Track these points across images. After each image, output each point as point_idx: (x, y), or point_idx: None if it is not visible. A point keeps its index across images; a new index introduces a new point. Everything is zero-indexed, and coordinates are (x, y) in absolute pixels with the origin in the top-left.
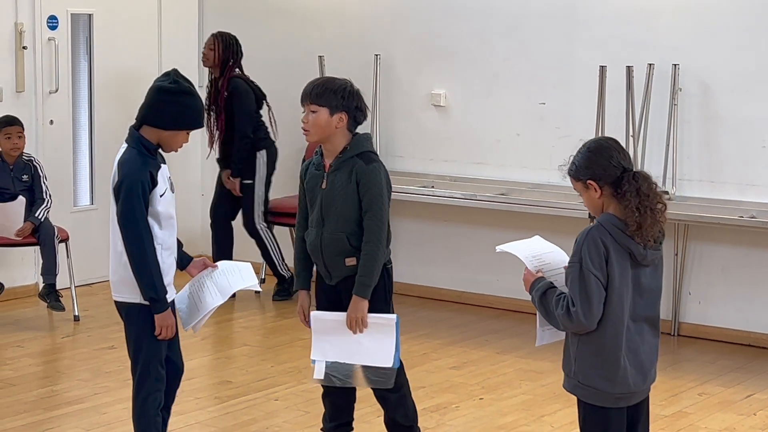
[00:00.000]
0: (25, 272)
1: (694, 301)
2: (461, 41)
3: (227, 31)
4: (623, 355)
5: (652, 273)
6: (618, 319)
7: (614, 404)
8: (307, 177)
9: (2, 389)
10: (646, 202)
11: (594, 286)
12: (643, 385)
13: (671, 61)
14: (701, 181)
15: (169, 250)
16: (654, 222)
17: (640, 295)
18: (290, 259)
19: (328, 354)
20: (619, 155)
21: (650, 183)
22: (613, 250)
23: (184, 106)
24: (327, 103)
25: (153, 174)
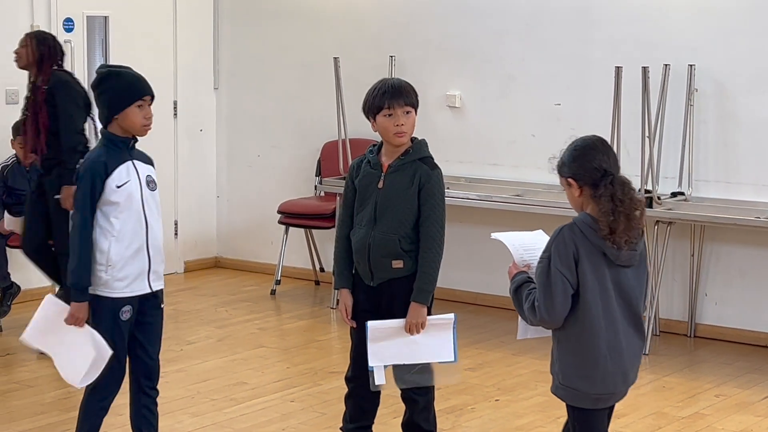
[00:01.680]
0: (40, 274)
1: (711, 302)
2: (476, 42)
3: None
4: (603, 355)
5: (634, 273)
6: (594, 319)
7: (593, 405)
8: (360, 174)
9: (19, 391)
10: (620, 208)
11: (559, 283)
12: (622, 387)
13: (687, 62)
14: (717, 182)
15: (125, 242)
16: (628, 227)
17: (620, 296)
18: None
19: (386, 358)
20: (602, 157)
21: (627, 189)
22: (585, 250)
23: (112, 88)
24: (415, 104)
25: (108, 165)
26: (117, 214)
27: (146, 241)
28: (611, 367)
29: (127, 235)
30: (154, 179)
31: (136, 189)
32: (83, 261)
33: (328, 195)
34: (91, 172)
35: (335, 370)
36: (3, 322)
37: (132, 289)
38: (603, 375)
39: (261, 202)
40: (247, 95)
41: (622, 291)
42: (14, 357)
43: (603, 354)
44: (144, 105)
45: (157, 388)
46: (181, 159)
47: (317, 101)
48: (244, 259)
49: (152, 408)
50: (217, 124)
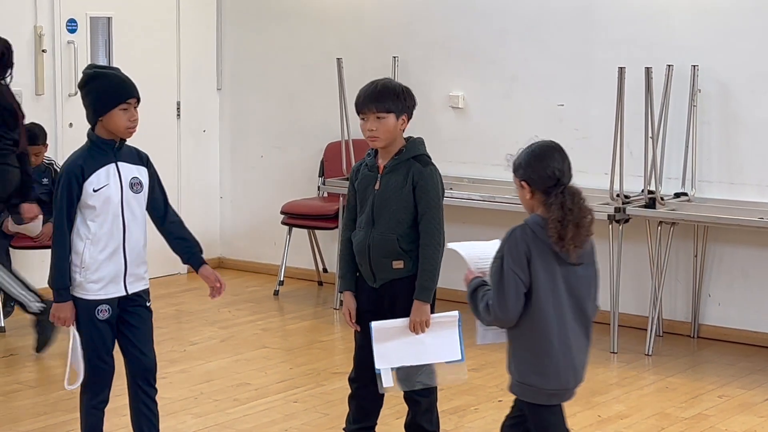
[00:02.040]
0: (44, 275)
1: (714, 303)
2: (479, 43)
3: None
4: (556, 351)
5: (583, 271)
6: (546, 316)
7: (548, 401)
8: (359, 177)
9: (22, 391)
10: (569, 217)
11: (512, 282)
12: (573, 383)
13: (690, 62)
14: (720, 183)
15: (100, 245)
16: (577, 235)
17: (570, 294)
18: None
19: (393, 360)
20: (557, 164)
21: (577, 198)
22: (537, 250)
23: (96, 90)
24: (394, 108)
25: (84, 168)
26: (93, 217)
27: (123, 244)
28: (563, 363)
29: (102, 238)
30: (140, 181)
31: (115, 193)
32: (59, 263)
33: (331, 196)
34: (68, 175)
35: (338, 371)
36: (6, 322)
37: (106, 291)
38: (556, 370)
39: (264, 202)
40: (250, 96)
41: (572, 289)
42: (17, 357)
43: (555, 349)
44: (129, 108)
45: (155, 386)
46: (184, 160)
47: (320, 102)
48: (247, 259)
49: (151, 406)
50: (220, 124)
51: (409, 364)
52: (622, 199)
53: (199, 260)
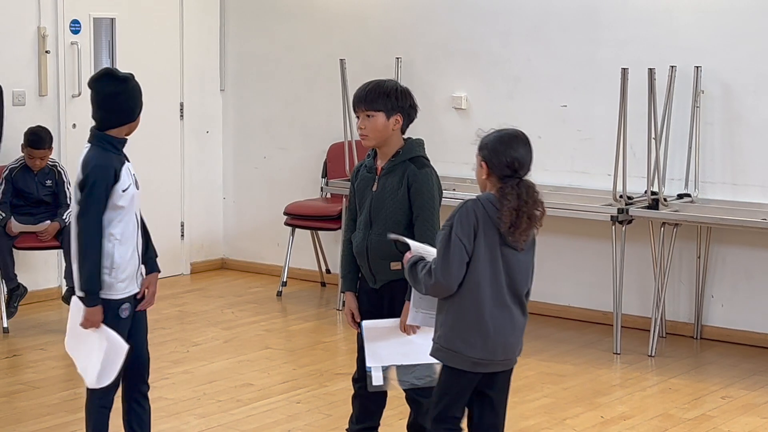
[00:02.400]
0: (47, 275)
1: (717, 304)
2: (482, 44)
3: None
4: (486, 322)
5: (524, 257)
6: (481, 288)
7: (471, 368)
8: (358, 179)
9: (25, 392)
10: (524, 208)
11: (456, 249)
12: (501, 356)
13: (693, 63)
14: (724, 184)
15: (127, 244)
16: (529, 226)
17: (508, 273)
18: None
19: (384, 359)
20: (519, 155)
21: (532, 191)
22: (484, 224)
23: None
24: (383, 107)
25: (117, 170)
26: (121, 217)
27: (137, 242)
28: (493, 335)
29: (129, 237)
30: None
31: (134, 190)
32: (94, 267)
33: (335, 196)
34: (104, 180)
35: (341, 372)
36: (10, 323)
37: (129, 289)
38: (484, 341)
39: (267, 203)
40: (253, 97)
41: (510, 269)
42: (20, 358)
43: (486, 321)
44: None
45: (147, 383)
46: (187, 160)
47: (323, 103)
48: (251, 260)
49: (143, 403)
50: (224, 125)
51: (400, 363)
52: (625, 200)
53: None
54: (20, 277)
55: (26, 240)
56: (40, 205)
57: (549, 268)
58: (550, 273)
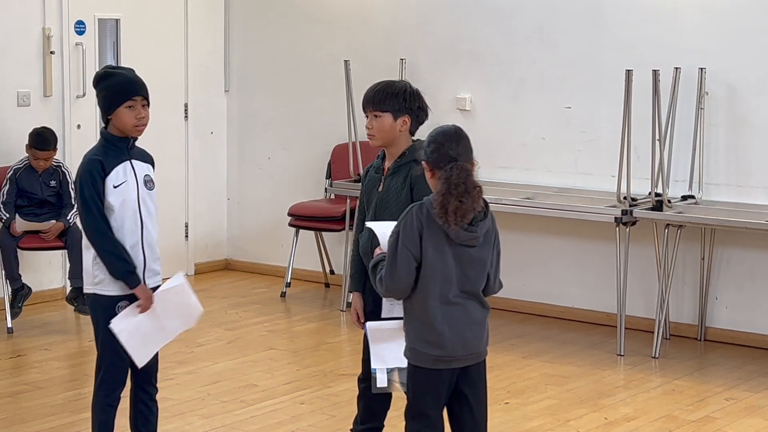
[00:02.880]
0: (52, 276)
1: (721, 305)
2: (487, 45)
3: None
4: (440, 322)
5: (477, 252)
6: (432, 290)
7: (433, 365)
8: (366, 179)
9: (30, 392)
10: (453, 191)
11: (403, 256)
12: (462, 352)
13: (698, 65)
14: (728, 185)
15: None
16: (459, 209)
17: (463, 271)
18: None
19: (388, 361)
20: (452, 145)
21: (463, 174)
22: (429, 228)
23: (106, 88)
24: (390, 108)
25: (104, 163)
26: (113, 214)
27: (141, 239)
28: (448, 333)
29: (124, 234)
30: (152, 178)
31: (132, 189)
32: (119, 250)
33: (339, 197)
34: (89, 171)
35: (345, 373)
36: (14, 323)
37: (125, 288)
38: (440, 340)
39: (271, 204)
40: (257, 98)
41: (464, 267)
42: (25, 358)
43: (439, 321)
44: (135, 105)
45: (155, 385)
46: (191, 161)
47: (328, 104)
48: (255, 261)
49: (150, 405)
50: (228, 126)
51: (403, 366)
52: (629, 202)
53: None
54: (24, 278)
55: (30, 240)
56: (44, 206)
57: (553, 270)
58: (554, 274)
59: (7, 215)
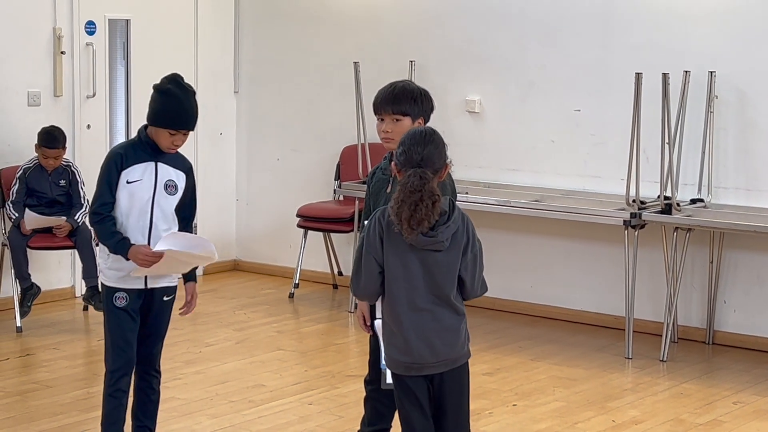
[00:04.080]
0: (61, 275)
1: (729, 309)
2: (496, 48)
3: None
4: (406, 328)
5: (444, 257)
6: (396, 296)
7: (406, 372)
8: (374, 181)
9: (39, 391)
10: (407, 199)
11: (365, 261)
12: (431, 359)
13: (707, 68)
14: (737, 189)
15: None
16: (413, 217)
17: (430, 276)
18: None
19: None
20: (417, 148)
21: (420, 182)
22: (389, 234)
23: (160, 105)
24: (410, 111)
25: (125, 157)
26: (119, 208)
27: (148, 240)
28: (415, 340)
29: (129, 229)
30: (176, 184)
31: (146, 189)
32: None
33: (347, 199)
34: (109, 161)
35: (353, 374)
36: (23, 322)
37: (124, 281)
38: (407, 346)
39: (280, 205)
40: (267, 99)
41: (431, 272)
42: (34, 357)
43: (406, 327)
44: (177, 134)
45: (155, 374)
46: (201, 162)
47: (337, 105)
48: (263, 262)
49: (149, 393)
50: (237, 127)
51: None
52: (638, 205)
53: (192, 275)
54: (34, 277)
55: (40, 240)
56: (53, 205)
57: (561, 272)
58: (562, 277)
59: (16, 214)
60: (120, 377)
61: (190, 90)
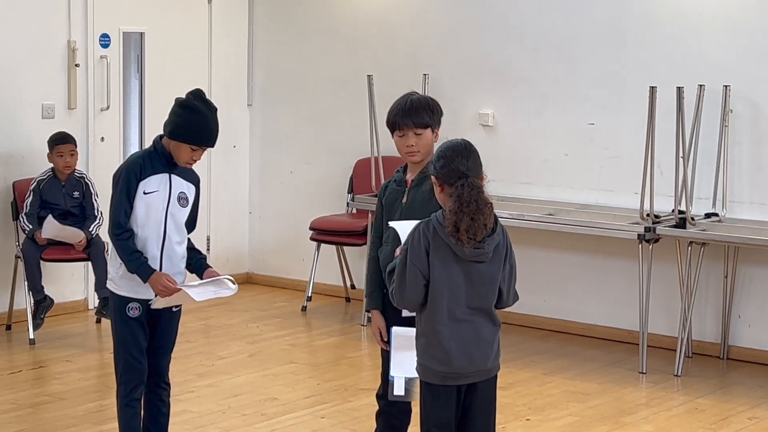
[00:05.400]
0: (74, 288)
1: (744, 324)
2: (510, 61)
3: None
4: (447, 339)
5: (487, 268)
6: (439, 306)
7: (441, 382)
8: (387, 193)
9: (51, 403)
10: (465, 208)
11: (410, 272)
12: (469, 368)
13: (722, 82)
14: (752, 203)
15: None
16: (471, 227)
17: (472, 287)
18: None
19: (408, 370)
20: (461, 160)
21: (474, 191)
22: (435, 244)
23: (185, 120)
24: (430, 122)
25: (143, 168)
26: (136, 219)
27: (161, 251)
28: (455, 351)
29: (142, 240)
30: (187, 197)
31: (162, 200)
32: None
33: (360, 212)
34: (128, 170)
35: (366, 387)
36: (36, 335)
37: (137, 292)
38: (448, 356)
39: (293, 218)
40: (280, 112)
41: (474, 283)
42: (47, 369)
43: (446, 337)
44: (198, 150)
45: (164, 386)
46: (214, 175)
47: (350, 118)
48: (276, 275)
49: (159, 405)
50: (251, 140)
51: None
52: (653, 219)
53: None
54: (47, 289)
55: (53, 252)
56: (67, 217)
57: (574, 286)
58: (575, 291)
59: (30, 226)
60: (134, 387)
61: (213, 107)
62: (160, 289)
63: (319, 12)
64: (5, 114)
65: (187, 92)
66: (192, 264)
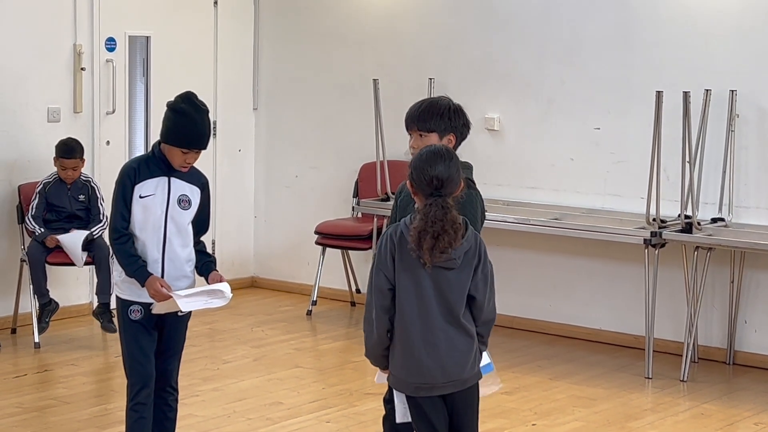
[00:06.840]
0: (79, 292)
1: (750, 329)
2: (516, 65)
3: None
4: (418, 348)
5: (456, 276)
6: (408, 315)
7: (415, 393)
8: (402, 196)
9: (56, 407)
10: (429, 228)
11: (377, 279)
12: (442, 380)
13: (728, 87)
14: (758, 208)
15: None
16: (435, 246)
17: (440, 295)
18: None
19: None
20: (436, 173)
21: (441, 211)
22: (401, 251)
23: (173, 123)
24: (436, 128)
25: (139, 171)
26: (134, 223)
27: (162, 255)
28: (426, 360)
29: (145, 246)
30: (189, 199)
31: (160, 204)
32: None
33: (366, 216)
34: (122, 176)
35: (371, 392)
36: (41, 338)
37: (139, 295)
38: (418, 367)
39: (298, 222)
40: (286, 116)
41: (442, 291)
42: (52, 373)
43: (417, 347)
44: (189, 152)
45: (171, 391)
46: (219, 179)
47: (356, 122)
48: (281, 279)
49: (165, 410)
50: (256, 144)
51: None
52: (659, 224)
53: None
54: (52, 293)
55: (58, 256)
56: (72, 220)
57: (580, 291)
58: (581, 296)
59: (35, 226)
60: (139, 390)
61: (203, 108)
62: (152, 294)
63: (325, 16)
64: (11, 118)
65: (176, 95)
66: (199, 267)
